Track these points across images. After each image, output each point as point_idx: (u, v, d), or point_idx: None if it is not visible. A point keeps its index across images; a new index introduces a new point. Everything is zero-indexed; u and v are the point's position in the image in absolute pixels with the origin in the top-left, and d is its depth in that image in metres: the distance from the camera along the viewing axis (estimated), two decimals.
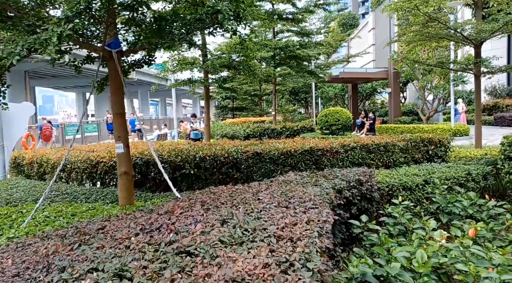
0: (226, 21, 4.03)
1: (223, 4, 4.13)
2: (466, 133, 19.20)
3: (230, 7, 4.19)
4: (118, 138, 4.65)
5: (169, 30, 4.02)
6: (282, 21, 18.43)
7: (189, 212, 3.42)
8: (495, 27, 9.43)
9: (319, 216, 3.15)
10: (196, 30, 4.54)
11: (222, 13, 4.02)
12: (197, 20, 4.33)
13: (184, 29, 4.33)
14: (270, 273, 2.25)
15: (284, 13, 18.43)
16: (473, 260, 3.08)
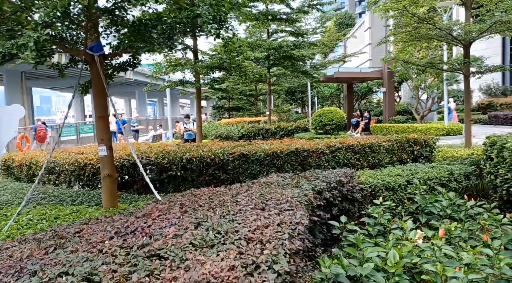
0: (206, 24, 4.08)
1: (203, 8, 4.17)
2: (460, 132, 19.26)
3: (210, 11, 4.23)
4: (101, 141, 4.69)
5: (148, 34, 4.06)
6: (276, 21, 18.48)
7: (166, 214, 3.47)
8: (483, 27, 9.48)
9: (292, 218, 3.20)
10: (178, 34, 4.58)
11: (201, 17, 4.06)
12: (178, 24, 4.37)
13: (165, 33, 4.36)
14: (235, 276, 2.29)
15: (278, 13, 18.48)
16: (443, 260, 3.13)
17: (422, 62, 10.81)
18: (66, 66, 4.93)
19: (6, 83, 43.71)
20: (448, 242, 3.78)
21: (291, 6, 18.98)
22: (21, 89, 47.46)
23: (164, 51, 4.70)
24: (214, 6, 4.38)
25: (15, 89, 45.71)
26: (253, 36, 25.30)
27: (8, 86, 44.07)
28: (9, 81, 43.17)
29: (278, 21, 18.41)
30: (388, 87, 22.98)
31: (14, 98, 48.26)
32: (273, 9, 18.91)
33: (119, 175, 6.45)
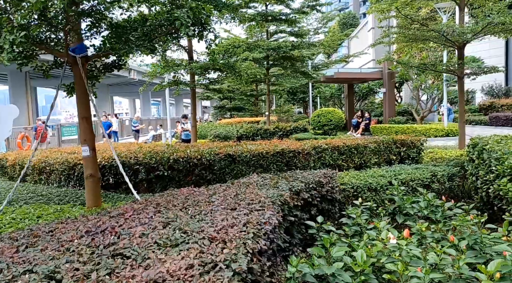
0: (183, 28, 4.13)
1: (181, 11, 4.23)
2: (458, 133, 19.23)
3: (189, 15, 4.30)
4: (84, 141, 4.77)
5: (126, 37, 4.13)
6: (275, 22, 18.54)
7: (139, 214, 3.53)
8: (476, 29, 9.49)
9: (260, 218, 3.25)
10: (158, 37, 4.65)
11: (179, 20, 4.12)
12: (157, 27, 4.43)
13: (145, 35, 4.44)
14: (191, 274, 2.35)
15: (276, 14, 18.54)
16: (407, 259, 3.18)
17: (415, 63, 10.80)
18: (50, 67, 5.01)
19: (10, 83, 44.13)
20: (419, 242, 3.83)
21: (291, 7, 19.04)
22: (25, 88, 47.83)
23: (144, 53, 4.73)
24: (195, 9, 4.46)
25: (20, 88, 46.06)
26: (254, 36, 25.40)
27: (13, 86, 44.45)
28: (13, 81, 43.51)
29: (277, 22, 18.47)
30: (388, 88, 22.99)
31: (19, 98, 48.66)
32: (273, 10, 18.99)
33: (108, 175, 6.54)
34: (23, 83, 45.49)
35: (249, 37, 25.14)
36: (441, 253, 3.16)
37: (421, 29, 10.13)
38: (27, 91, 48.64)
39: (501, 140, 5.34)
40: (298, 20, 19.37)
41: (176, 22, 4.15)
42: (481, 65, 20.78)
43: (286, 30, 20.41)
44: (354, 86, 27.27)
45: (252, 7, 18.51)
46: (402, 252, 3.29)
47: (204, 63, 10.01)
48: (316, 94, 30.87)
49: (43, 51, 4.57)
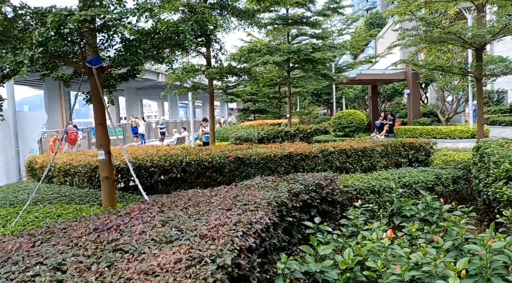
0: (188, 41, 4.43)
1: (186, 24, 4.54)
2: (486, 135, 18.89)
3: (194, 27, 4.60)
4: (100, 146, 5.14)
5: (135, 50, 4.47)
6: (296, 25, 18.74)
7: (144, 213, 3.85)
8: (493, 30, 9.44)
9: (252, 217, 3.50)
10: (165, 49, 4.98)
11: (184, 32, 4.43)
12: (165, 40, 4.75)
13: (154, 48, 4.77)
14: (179, 267, 2.62)
15: (298, 17, 18.72)
16: (391, 258, 3.36)
17: (431, 65, 10.80)
18: (71, 77, 5.41)
19: (45, 88, 46.12)
20: (410, 243, 3.99)
21: (312, 10, 19.19)
22: (59, 93, 49.75)
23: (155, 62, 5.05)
24: (200, 21, 4.76)
25: (54, 93, 47.99)
26: (277, 39, 25.63)
27: (48, 91, 46.33)
28: (48, 86, 45.35)
29: (297, 25, 18.65)
30: (412, 89, 22.79)
31: (53, 102, 50.66)
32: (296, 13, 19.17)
33: (126, 177, 6.93)
34: (57, 88, 47.20)
35: (272, 40, 25.41)
36: (425, 253, 3.33)
37: (437, 31, 10.12)
38: (60, 95, 50.60)
39: (505, 144, 5.41)
40: (319, 22, 19.50)
41: (181, 35, 4.45)
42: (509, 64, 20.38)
43: (307, 33, 20.55)
44: (379, 87, 27.12)
45: (274, 11, 18.80)
46: (388, 251, 3.47)
47: (221, 68, 10.33)
48: (340, 96, 30.80)
49: (62, 63, 4.97)
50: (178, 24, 4.52)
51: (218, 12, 11.19)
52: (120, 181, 7.14)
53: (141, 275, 2.55)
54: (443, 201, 4.80)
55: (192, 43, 4.45)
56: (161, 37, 4.67)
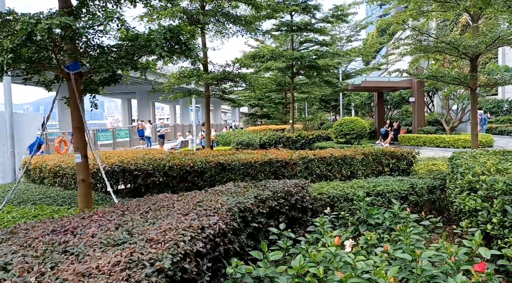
0: (158, 48, 4.56)
1: (158, 33, 4.66)
2: (490, 144, 18.74)
3: (167, 36, 4.73)
4: (77, 149, 5.29)
5: (105, 57, 4.60)
6: (301, 31, 18.83)
7: (105, 217, 3.96)
8: (487, 41, 9.42)
9: (204, 223, 3.59)
10: (142, 55, 5.11)
11: (155, 41, 4.55)
12: (141, 47, 4.89)
13: (129, 55, 4.91)
14: (115, 269, 2.72)
15: (302, 24, 18.82)
16: (335, 265, 3.42)
17: (424, 75, 10.79)
18: (52, 82, 5.58)
19: (58, 90, 46.70)
20: (365, 251, 4.04)
21: (316, 17, 19.29)
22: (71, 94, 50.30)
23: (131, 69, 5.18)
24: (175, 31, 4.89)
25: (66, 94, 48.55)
26: (284, 45, 25.77)
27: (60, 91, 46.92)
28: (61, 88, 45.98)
29: (302, 31, 18.75)
30: (417, 97, 22.69)
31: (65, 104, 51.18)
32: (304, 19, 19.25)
33: (110, 180, 7.06)
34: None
35: (279, 46, 25.57)
36: (372, 261, 3.38)
37: (431, 40, 10.13)
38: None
39: (479, 156, 5.42)
40: (323, 29, 19.56)
41: (152, 43, 4.58)
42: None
43: (312, 39, 20.63)
44: (385, 94, 27.01)
45: (278, 17, 18.94)
46: (336, 258, 3.53)
47: (215, 74, 10.47)
48: (346, 102, 30.76)
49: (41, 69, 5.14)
50: (150, 32, 4.65)
51: (217, 18, 11.37)
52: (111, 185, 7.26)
53: (77, 276, 2.65)
54: (409, 211, 4.83)
55: (162, 51, 4.57)
56: (134, 45, 4.79)
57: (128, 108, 71.14)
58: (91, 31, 4.47)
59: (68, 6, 4.99)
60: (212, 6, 11.12)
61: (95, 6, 5.58)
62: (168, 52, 4.90)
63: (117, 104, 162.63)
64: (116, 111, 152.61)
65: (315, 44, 20.50)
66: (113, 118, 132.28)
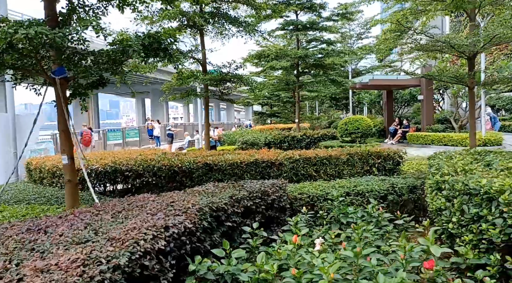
0: (135, 54, 4.74)
1: (136, 39, 4.85)
2: (499, 143, 18.53)
3: (145, 42, 4.91)
4: (63, 151, 5.51)
5: (81, 63, 4.81)
6: (306, 30, 18.88)
7: (80, 216, 4.15)
8: (479, 41, 9.37)
9: (168, 222, 3.75)
10: (125, 60, 5.30)
11: (132, 47, 4.74)
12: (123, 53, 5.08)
13: (110, 60, 5.10)
14: (73, 266, 2.90)
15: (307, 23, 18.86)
16: (294, 262, 3.56)
17: (418, 75, 10.78)
18: (41, 85, 5.82)
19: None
20: (330, 248, 4.16)
21: (322, 15, 19.31)
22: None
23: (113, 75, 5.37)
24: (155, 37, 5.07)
25: None
26: (291, 44, 25.81)
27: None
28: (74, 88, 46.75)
29: (307, 30, 18.79)
30: (426, 95, 22.53)
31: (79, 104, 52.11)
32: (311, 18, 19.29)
33: (103, 180, 7.29)
34: None
35: (287, 45, 25.61)
36: (322, 257, 3.50)
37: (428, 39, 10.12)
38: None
39: (458, 156, 5.47)
40: (329, 28, 19.57)
41: (130, 49, 4.76)
42: None
43: (318, 38, 20.64)
44: (395, 92, 26.86)
45: (284, 16, 19.03)
46: (296, 256, 3.67)
47: (212, 75, 10.65)
48: (356, 100, 30.67)
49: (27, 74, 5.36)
50: (128, 39, 4.83)
51: (216, 19, 11.53)
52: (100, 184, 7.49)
53: (36, 272, 2.83)
54: (381, 210, 4.92)
55: (139, 56, 4.75)
56: (115, 50, 4.98)
57: (142, 107, 72.01)
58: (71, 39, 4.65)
59: (54, 15, 5.22)
60: (210, 8, 11.29)
61: (85, 12, 5.83)
62: (147, 56, 5.07)
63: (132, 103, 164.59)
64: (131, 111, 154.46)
65: (321, 43, 20.50)
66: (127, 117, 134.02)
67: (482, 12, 10.58)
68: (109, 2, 5.93)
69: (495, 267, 3.29)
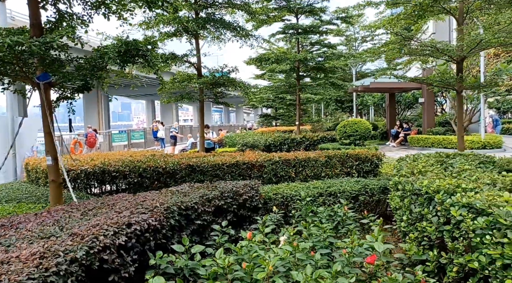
0: (111, 61, 5.01)
1: (112, 46, 5.12)
2: (499, 145, 18.55)
3: (122, 49, 5.18)
4: (47, 152, 5.79)
5: (60, 70, 5.09)
6: (304, 34, 19.09)
7: (52, 214, 4.42)
8: (470, 44, 9.50)
9: (132, 219, 3.99)
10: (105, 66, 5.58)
11: (108, 54, 5.00)
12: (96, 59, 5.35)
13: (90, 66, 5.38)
14: (32, 258, 3.15)
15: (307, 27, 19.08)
16: (247, 258, 3.77)
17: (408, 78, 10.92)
18: (30, 90, 6.12)
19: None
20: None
21: (322, 19, 19.50)
22: (96, 98, 52.27)
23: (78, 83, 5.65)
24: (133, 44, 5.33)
25: (92, 97, 50.42)
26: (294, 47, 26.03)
27: (86, 95, 48.58)
28: None
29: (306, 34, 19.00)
30: (427, 98, 22.56)
31: (91, 106, 53.28)
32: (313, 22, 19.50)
33: (92, 180, 7.58)
34: (95, 92, 49.57)
35: (290, 48, 25.86)
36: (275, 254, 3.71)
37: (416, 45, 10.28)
38: (98, 100, 53.10)
39: (420, 158, 5.64)
40: (330, 31, 19.77)
41: (105, 57, 5.03)
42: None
43: (319, 42, 20.84)
44: (397, 95, 26.90)
45: (285, 19, 19.28)
46: (250, 252, 3.88)
47: (206, 79, 10.92)
48: (360, 103, 30.75)
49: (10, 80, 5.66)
50: (104, 47, 5.10)
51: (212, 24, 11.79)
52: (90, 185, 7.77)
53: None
54: (346, 209, 5.11)
55: (115, 63, 5.01)
56: (92, 57, 5.26)
57: (152, 109, 72.74)
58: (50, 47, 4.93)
59: (38, 23, 5.51)
60: (205, 14, 11.57)
61: (73, 20, 6.13)
62: (124, 62, 5.32)
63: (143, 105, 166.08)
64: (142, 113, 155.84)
65: (322, 46, 20.69)
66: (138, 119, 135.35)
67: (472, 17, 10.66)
68: (95, 11, 6.24)
69: (433, 262, 3.48)
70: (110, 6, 6.14)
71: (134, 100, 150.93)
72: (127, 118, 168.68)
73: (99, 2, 6.06)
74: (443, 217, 3.31)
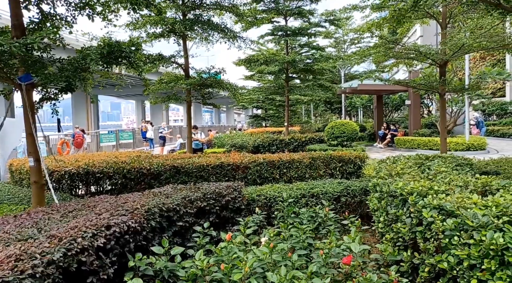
0: (93, 63, 5.02)
1: (96, 48, 5.13)
2: (483, 147, 18.78)
3: (104, 51, 5.19)
4: (29, 154, 5.78)
5: (41, 71, 5.10)
6: (295, 36, 19.18)
7: (32, 215, 4.42)
8: (452, 48, 9.63)
9: (111, 221, 4.01)
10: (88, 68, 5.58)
11: (90, 56, 5.01)
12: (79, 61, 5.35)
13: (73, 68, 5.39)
14: (8, 260, 3.16)
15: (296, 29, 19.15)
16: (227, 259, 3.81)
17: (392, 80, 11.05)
18: (9, 92, 6.10)
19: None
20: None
21: (311, 21, 19.60)
22: (85, 98, 51.92)
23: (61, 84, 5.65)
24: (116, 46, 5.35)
25: (80, 97, 50.06)
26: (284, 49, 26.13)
27: (74, 95, 48.32)
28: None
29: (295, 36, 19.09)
30: (413, 100, 22.80)
31: (80, 106, 52.95)
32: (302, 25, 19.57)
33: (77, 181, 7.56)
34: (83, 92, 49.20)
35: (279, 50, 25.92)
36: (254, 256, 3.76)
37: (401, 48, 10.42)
38: (87, 100, 52.77)
39: (400, 160, 5.73)
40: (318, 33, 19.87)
41: (88, 58, 5.04)
42: (507, 77, 20.14)
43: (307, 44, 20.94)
44: (385, 97, 27.13)
45: (273, 21, 19.35)
46: (230, 253, 3.92)
47: (192, 80, 10.94)
48: (349, 104, 30.96)
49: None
50: (86, 49, 5.11)
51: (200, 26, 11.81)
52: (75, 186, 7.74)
53: None
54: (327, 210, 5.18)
55: (97, 65, 5.03)
56: (75, 58, 5.27)
57: (141, 109, 72.45)
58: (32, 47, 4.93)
59: (20, 23, 5.50)
60: (192, 15, 11.59)
61: (58, 20, 6.13)
62: (107, 64, 5.34)
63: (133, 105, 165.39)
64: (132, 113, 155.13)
65: (311, 48, 20.79)
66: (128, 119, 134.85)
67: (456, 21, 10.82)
68: (79, 12, 6.25)
69: (407, 262, 3.55)
70: (94, 8, 6.16)
71: (124, 100, 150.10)
72: (116, 118, 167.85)
73: (84, 3, 6.07)
74: (415, 218, 3.38)
